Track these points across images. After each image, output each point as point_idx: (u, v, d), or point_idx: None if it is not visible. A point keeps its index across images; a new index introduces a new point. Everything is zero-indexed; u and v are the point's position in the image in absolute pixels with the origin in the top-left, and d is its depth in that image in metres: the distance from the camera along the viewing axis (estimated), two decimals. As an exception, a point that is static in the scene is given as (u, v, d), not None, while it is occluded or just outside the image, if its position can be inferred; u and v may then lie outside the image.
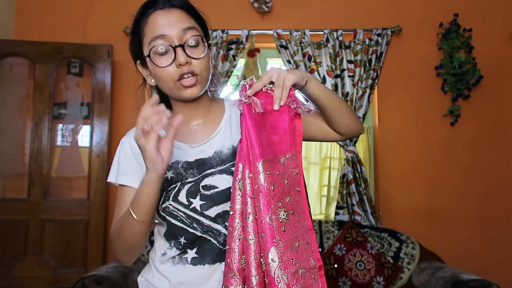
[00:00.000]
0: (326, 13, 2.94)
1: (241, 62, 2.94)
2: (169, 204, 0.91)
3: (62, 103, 2.87)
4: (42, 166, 2.68)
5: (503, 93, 2.87)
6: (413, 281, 2.39)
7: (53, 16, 2.91)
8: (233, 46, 2.81)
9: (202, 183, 0.92)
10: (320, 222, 2.62)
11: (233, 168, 0.92)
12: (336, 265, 2.39)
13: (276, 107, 0.82)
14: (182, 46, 0.86)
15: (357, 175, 2.75)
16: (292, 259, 0.76)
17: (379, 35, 2.84)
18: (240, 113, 0.85)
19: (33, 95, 2.73)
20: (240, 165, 0.82)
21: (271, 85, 0.85)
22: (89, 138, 2.74)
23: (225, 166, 0.93)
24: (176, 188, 0.92)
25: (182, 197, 0.91)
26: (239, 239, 0.78)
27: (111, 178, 0.99)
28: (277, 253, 0.75)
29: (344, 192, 2.77)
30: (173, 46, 0.86)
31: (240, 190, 0.80)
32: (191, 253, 0.91)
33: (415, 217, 2.79)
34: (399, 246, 2.51)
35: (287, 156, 0.82)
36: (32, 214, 2.63)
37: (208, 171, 0.92)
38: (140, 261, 2.31)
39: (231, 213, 0.79)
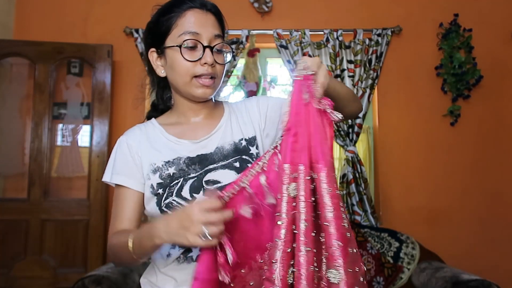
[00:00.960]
0: (326, 13, 2.94)
1: (241, 62, 2.94)
2: (173, 200, 0.91)
3: (62, 103, 2.87)
4: (42, 166, 2.68)
5: (503, 93, 2.87)
6: (413, 281, 2.39)
7: (53, 16, 2.91)
8: (233, 46, 2.81)
9: (205, 178, 0.92)
10: (320, 222, 2.62)
11: (235, 164, 0.94)
12: (336, 265, 2.39)
13: (317, 105, 0.77)
14: (211, 48, 0.91)
15: (357, 175, 2.75)
16: (357, 267, 0.71)
17: (379, 35, 2.84)
18: (296, 104, 0.77)
19: (33, 95, 2.73)
20: (287, 167, 0.74)
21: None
22: (89, 138, 2.74)
23: (227, 161, 0.94)
24: (179, 184, 0.92)
25: (186, 192, 0.91)
26: (286, 252, 0.70)
27: (106, 178, 0.99)
28: (351, 263, 0.69)
29: (344, 192, 2.77)
30: (204, 45, 0.91)
31: (289, 196, 0.72)
32: (196, 251, 0.91)
33: (415, 217, 2.79)
34: (399, 246, 2.50)
35: (329, 158, 0.76)
36: (32, 214, 2.63)
37: (211, 166, 0.93)
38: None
39: (279, 223, 0.72)
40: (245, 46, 2.84)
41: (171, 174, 0.93)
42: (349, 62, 2.81)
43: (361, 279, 0.72)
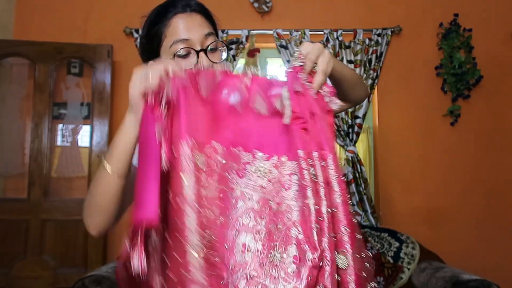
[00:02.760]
0: (326, 13, 2.94)
1: (241, 62, 2.94)
2: None
3: (62, 103, 2.87)
4: (42, 166, 2.68)
5: (503, 93, 2.87)
6: (413, 281, 2.39)
7: (53, 16, 2.91)
8: (233, 46, 2.81)
9: None
10: (320, 222, 2.62)
11: None
12: (336, 265, 2.39)
13: (313, 93, 0.75)
14: (205, 50, 0.89)
15: (357, 175, 2.75)
16: (363, 253, 0.72)
17: (379, 35, 2.84)
18: (292, 92, 0.75)
19: (33, 95, 2.73)
20: (302, 153, 0.72)
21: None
22: (89, 138, 2.74)
23: None
24: None
25: None
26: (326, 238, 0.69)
27: None
28: (358, 248, 0.70)
29: (344, 192, 2.77)
30: (197, 50, 0.89)
31: (312, 180, 0.71)
32: None
33: (415, 217, 2.79)
34: (399, 246, 2.50)
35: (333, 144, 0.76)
36: (32, 214, 2.63)
37: None
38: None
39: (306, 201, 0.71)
40: (245, 46, 2.84)
41: None
42: (349, 62, 2.81)
43: (368, 265, 0.72)
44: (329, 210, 0.69)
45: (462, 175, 2.82)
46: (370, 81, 2.80)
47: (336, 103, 0.77)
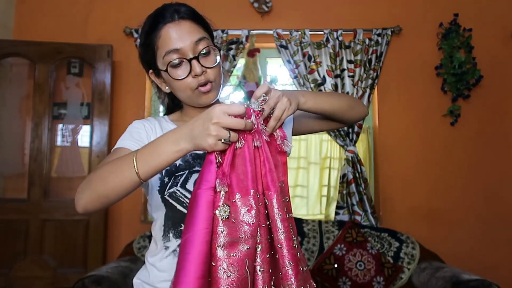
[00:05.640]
0: (326, 13, 2.94)
1: (241, 62, 2.94)
2: (177, 190, 0.93)
3: (62, 103, 2.87)
4: (42, 166, 2.68)
5: (503, 93, 2.87)
6: (413, 281, 2.39)
7: (53, 16, 2.91)
8: (233, 46, 2.81)
9: None
10: (320, 222, 2.62)
11: None
12: (336, 265, 2.39)
13: (266, 136, 0.81)
14: (196, 58, 0.91)
15: (357, 175, 2.75)
16: (308, 284, 0.79)
17: (379, 35, 2.84)
18: (255, 139, 0.79)
19: (33, 95, 2.73)
20: (252, 192, 0.79)
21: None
22: (89, 138, 2.74)
23: None
24: (184, 176, 0.94)
25: (190, 185, 0.93)
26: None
27: (114, 147, 0.97)
28: (302, 281, 0.77)
29: (344, 192, 2.77)
30: (188, 59, 0.91)
31: (246, 222, 0.77)
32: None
33: (415, 217, 2.79)
34: (399, 246, 2.51)
35: (279, 184, 0.82)
36: (32, 214, 2.63)
37: None
38: (140, 260, 2.32)
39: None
40: (245, 46, 2.84)
41: (177, 165, 0.96)
42: (349, 62, 2.81)
43: None
44: (260, 247, 0.76)
45: (462, 175, 2.82)
46: (370, 81, 2.80)
47: (288, 146, 0.84)
